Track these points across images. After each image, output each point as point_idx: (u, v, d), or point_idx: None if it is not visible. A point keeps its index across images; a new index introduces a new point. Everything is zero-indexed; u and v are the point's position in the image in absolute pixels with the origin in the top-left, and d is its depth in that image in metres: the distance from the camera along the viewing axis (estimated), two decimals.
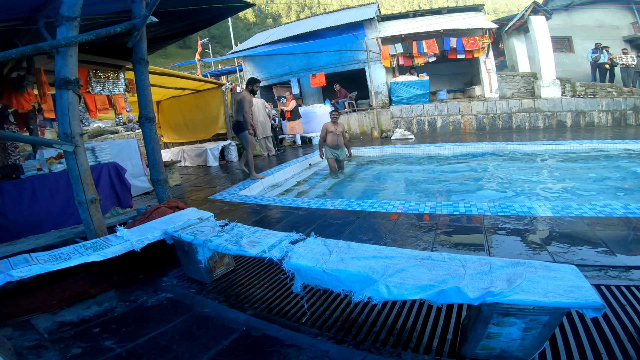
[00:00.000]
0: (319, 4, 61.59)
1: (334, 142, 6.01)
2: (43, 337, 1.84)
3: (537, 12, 9.72)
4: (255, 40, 13.09)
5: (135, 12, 2.75)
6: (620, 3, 12.87)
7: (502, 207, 3.17)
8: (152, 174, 3.04)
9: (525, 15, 9.93)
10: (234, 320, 1.84)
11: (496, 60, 11.14)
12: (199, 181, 6.20)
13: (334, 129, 5.96)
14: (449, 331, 1.59)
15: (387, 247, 1.60)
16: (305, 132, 10.21)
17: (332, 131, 5.96)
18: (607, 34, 12.62)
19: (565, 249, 2.26)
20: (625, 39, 12.85)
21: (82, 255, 2.03)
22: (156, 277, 2.48)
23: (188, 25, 4.19)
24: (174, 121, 9.06)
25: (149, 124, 2.96)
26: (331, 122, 6.01)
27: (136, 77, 2.92)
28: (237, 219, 3.59)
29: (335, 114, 6.04)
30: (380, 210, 3.42)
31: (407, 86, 9.97)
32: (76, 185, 2.39)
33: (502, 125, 9.28)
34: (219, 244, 1.92)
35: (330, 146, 6.05)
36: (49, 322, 1.99)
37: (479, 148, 7.00)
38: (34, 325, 1.96)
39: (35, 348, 1.73)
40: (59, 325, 1.96)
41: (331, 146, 6.04)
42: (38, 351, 1.71)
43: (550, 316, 1.17)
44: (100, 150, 4.15)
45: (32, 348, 1.73)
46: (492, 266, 1.37)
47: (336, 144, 6.03)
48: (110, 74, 4.72)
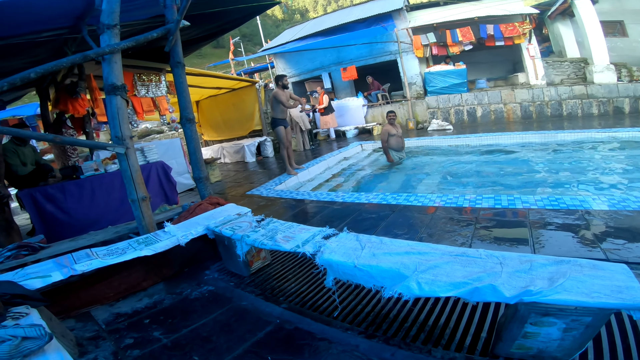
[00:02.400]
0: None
1: (399, 145, 5.76)
2: (101, 328, 2.02)
3: None
4: (284, 37, 13.21)
5: (168, 17, 2.91)
6: None
7: (550, 200, 2.97)
8: (194, 172, 3.22)
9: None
10: (269, 314, 1.92)
11: (541, 46, 10.34)
12: (238, 177, 6.44)
13: (395, 131, 5.70)
14: (484, 329, 1.55)
15: (420, 243, 1.59)
16: (339, 126, 10.20)
17: (394, 134, 5.71)
18: None
19: (620, 245, 2.09)
20: None
21: (135, 250, 2.21)
22: (199, 271, 2.63)
23: (219, 27, 4.34)
24: (212, 120, 9.45)
25: (190, 125, 3.12)
26: (389, 124, 5.74)
27: (175, 80, 3.08)
28: (274, 214, 3.69)
29: (392, 115, 5.75)
30: (416, 204, 3.36)
31: (442, 76, 9.58)
32: (129, 184, 2.60)
33: (550, 113, 8.63)
34: (255, 239, 2.00)
35: (395, 149, 5.80)
36: (107, 314, 2.18)
37: (525, 137, 6.57)
38: (94, 316, 2.16)
39: (94, 339, 1.91)
40: (115, 316, 2.14)
41: (396, 149, 5.78)
42: (96, 342, 1.88)
43: (593, 317, 1.12)
44: (148, 151, 4.45)
45: (91, 339, 1.92)
46: (532, 264, 1.31)
47: (400, 146, 5.78)
48: (153, 76, 5.03)
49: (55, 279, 1.89)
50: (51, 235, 3.35)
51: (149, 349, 1.75)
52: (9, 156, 3.73)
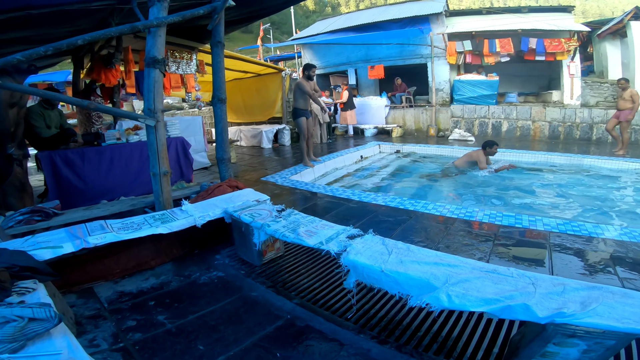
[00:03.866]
0: None
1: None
2: (103, 306, 1.94)
3: (639, 17, 8.59)
4: (315, 29, 13.10)
5: None
6: None
7: (572, 225, 2.91)
8: (218, 152, 3.21)
9: (625, 20, 8.79)
10: (280, 308, 1.88)
11: (582, 65, 9.97)
12: (253, 162, 6.45)
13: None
14: (496, 345, 1.54)
15: (449, 255, 1.55)
16: (358, 123, 10.10)
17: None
18: None
19: (637, 275, 2.07)
20: None
21: (151, 226, 2.14)
22: (210, 254, 2.58)
23: (257, 11, 4.31)
24: (234, 102, 9.46)
25: (221, 105, 3.11)
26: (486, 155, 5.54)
27: (213, 60, 3.07)
28: (288, 204, 3.67)
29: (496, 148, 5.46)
30: (434, 213, 3.30)
31: (472, 85, 9.36)
32: (153, 157, 2.60)
33: (579, 136, 8.35)
34: (276, 229, 1.97)
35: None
36: (111, 292, 2.09)
37: (549, 158, 6.40)
38: (97, 293, 2.08)
39: (94, 318, 1.82)
40: (119, 295, 2.06)
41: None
42: (96, 321, 1.79)
43: (617, 340, 1.13)
44: (171, 125, 4.47)
45: (91, 317, 1.82)
46: (565, 287, 1.30)
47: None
48: (185, 54, 5.03)
49: (66, 250, 1.80)
50: (64, 200, 3.35)
51: (151, 333, 1.69)
52: (34, 118, 3.76)
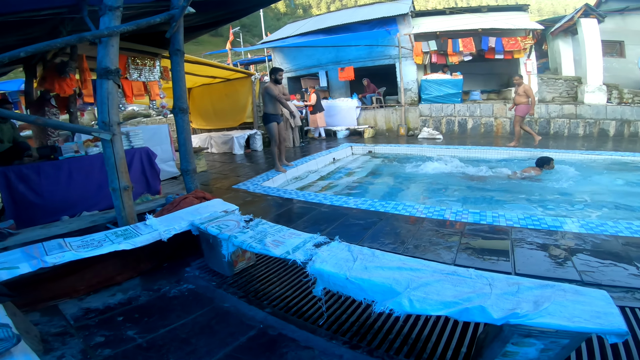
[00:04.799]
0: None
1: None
2: (69, 323, 1.89)
3: (589, 14, 9.07)
4: (285, 31, 13.08)
5: (174, 3, 2.81)
6: None
7: (532, 219, 3.04)
8: (182, 164, 3.12)
9: (575, 17, 9.27)
10: (252, 317, 1.87)
11: (538, 62, 10.49)
12: (224, 169, 6.33)
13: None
14: (464, 344, 1.58)
15: (411, 259, 1.58)
16: (329, 126, 10.18)
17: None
18: None
19: (595, 268, 2.18)
20: None
21: (113, 243, 2.10)
22: (180, 267, 2.54)
23: (223, 15, 4.24)
24: (203, 108, 9.27)
25: (182, 115, 3.03)
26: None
27: (172, 68, 2.99)
28: (259, 211, 3.65)
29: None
30: (404, 213, 3.36)
31: (438, 84, 9.67)
32: (111, 172, 2.50)
33: (538, 131, 8.82)
34: (243, 240, 1.95)
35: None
36: (76, 309, 2.04)
37: (512, 153, 6.71)
38: (62, 310, 2.02)
39: (60, 335, 1.79)
40: (85, 311, 2.01)
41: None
42: (63, 338, 1.76)
43: (571, 339, 1.18)
44: (134, 136, 4.30)
45: (57, 335, 1.79)
46: (519, 287, 1.35)
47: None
48: (147, 61, 4.87)
49: (22, 271, 1.77)
50: (22, 218, 3.18)
51: (122, 348, 1.67)
52: None
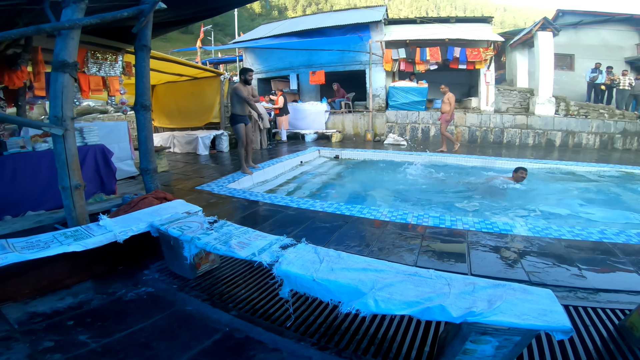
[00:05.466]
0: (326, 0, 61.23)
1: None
2: (13, 327, 1.76)
3: (546, 28, 9.66)
4: (259, 32, 12.95)
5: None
6: (629, 24, 13.01)
7: (486, 223, 3.23)
8: (141, 163, 2.97)
9: (534, 30, 9.87)
10: (217, 320, 1.82)
11: (496, 73, 11.14)
12: (187, 169, 6.11)
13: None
14: (427, 343, 1.63)
15: (376, 260, 1.62)
16: (299, 129, 10.20)
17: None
18: (611, 54, 12.66)
19: (541, 269, 2.34)
20: (627, 60, 12.95)
21: (62, 244, 1.96)
22: (137, 270, 2.41)
23: (196, 13, 4.11)
24: (167, 106, 8.90)
25: (144, 112, 2.89)
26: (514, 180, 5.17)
27: (137, 64, 2.86)
28: (224, 213, 3.56)
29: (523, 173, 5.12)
30: (369, 217, 3.44)
31: (405, 92, 10.01)
32: (62, 170, 2.33)
33: (493, 140, 9.40)
34: (207, 242, 1.89)
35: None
36: (20, 313, 1.90)
37: (469, 161, 7.10)
38: (5, 315, 1.88)
39: (4, 340, 1.66)
40: (30, 316, 1.87)
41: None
42: (7, 343, 1.64)
43: (522, 336, 1.24)
44: (88, 132, 4.04)
45: (1, 340, 1.66)
46: (475, 286, 1.42)
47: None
48: (109, 55, 4.59)
49: None
50: None
51: (73, 353, 1.56)
52: None
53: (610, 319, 1.80)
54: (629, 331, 1.64)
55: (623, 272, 2.32)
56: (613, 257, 2.53)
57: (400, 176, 6.33)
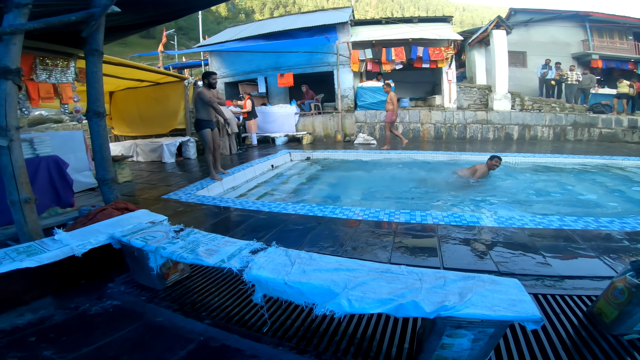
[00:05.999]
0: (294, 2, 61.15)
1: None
2: None
3: (500, 26, 10.21)
4: (225, 35, 12.71)
5: (95, 1, 2.55)
6: (575, 21, 14.02)
7: (454, 217, 3.33)
8: (98, 173, 2.81)
9: (489, 28, 10.40)
10: (191, 330, 1.76)
11: (457, 72, 11.59)
12: (152, 178, 5.86)
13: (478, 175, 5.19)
14: (406, 340, 1.62)
15: (348, 260, 1.61)
16: (269, 132, 10.10)
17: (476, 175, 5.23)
18: (559, 50, 13.66)
19: (508, 259, 2.42)
20: (574, 56, 14.01)
21: (14, 260, 1.84)
22: (101, 283, 2.30)
23: (156, 16, 3.93)
24: (127, 113, 8.49)
25: (98, 119, 2.74)
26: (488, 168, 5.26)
27: (88, 69, 2.71)
28: (193, 222, 3.43)
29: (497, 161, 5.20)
30: (341, 217, 3.44)
31: (372, 92, 10.19)
32: (9, 183, 2.15)
33: (457, 135, 9.78)
34: (173, 251, 1.80)
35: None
36: None
37: (435, 157, 7.33)
38: None
39: None
40: None
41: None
42: None
43: (495, 328, 1.25)
44: (39, 143, 3.76)
45: None
46: (446, 280, 1.43)
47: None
48: (60, 61, 4.29)
49: None
50: None
51: None
52: None
53: (578, 306, 1.85)
54: (598, 317, 1.68)
55: (585, 258, 2.41)
56: (574, 243, 2.65)
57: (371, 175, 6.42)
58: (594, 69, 13.24)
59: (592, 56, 13.80)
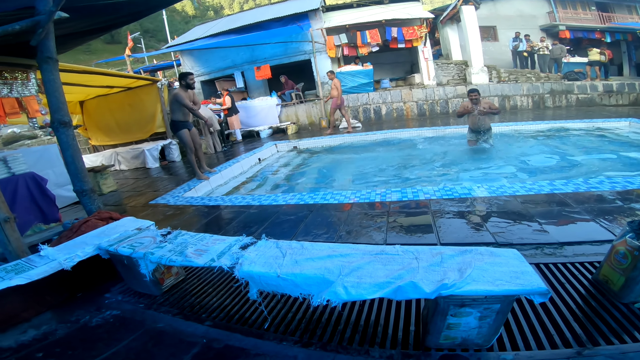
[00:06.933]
0: None
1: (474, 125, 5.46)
2: None
3: (468, 2, 10.30)
4: (194, 34, 12.35)
5: (39, 8, 2.43)
6: None
7: (445, 190, 3.30)
8: (74, 185, 2.71)
9: (458, 5, 10.49)
10: (192, 333, 1.72)
11: (433, 49, 11.68)
12: (138, 185, 5.71)
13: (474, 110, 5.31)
14: (411, 322, 1.58)
15: (341, 245, 1.57)
16: (252, 126, 9.95)
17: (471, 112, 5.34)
18: (527, 23, 13.90)
19: (504, 228, 2.37)
20: (542, 28, 14.24)
21: (4, 279, 1.82)
22: (97, 295, 2.27)
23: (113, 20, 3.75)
24: (102, 122, 8.22)
25: (65, 129, 2.63)
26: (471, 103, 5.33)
27: (44, 78, 2.60)
28: (184, 224, 3.37)
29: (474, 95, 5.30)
30: (333, 202, 3.41)
31: (352, 75, 10.10)
32: None
33: (440, 111, 9.83)
34: (161, 255, 1.75)
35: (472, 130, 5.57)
36: None
37: (422, 133, 7.34)
38: None
39: None
40: None
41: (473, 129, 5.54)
42: None
43: (501, 304, 1.20)
44: (13, 160, 3.60)
45: None
46: (443, 256, 1.37)
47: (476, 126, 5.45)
48: (19, 74, 4.07)
49: None
50: None
51: None
52: None
53: (582, 274, 1.79)
54: (606, 285, 1.61)
55: (581, 222, 2.35)
56: (567, 207, 2.61)
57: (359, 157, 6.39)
58: (562, 39, 13.53)
59: (559, 27, 14.02)
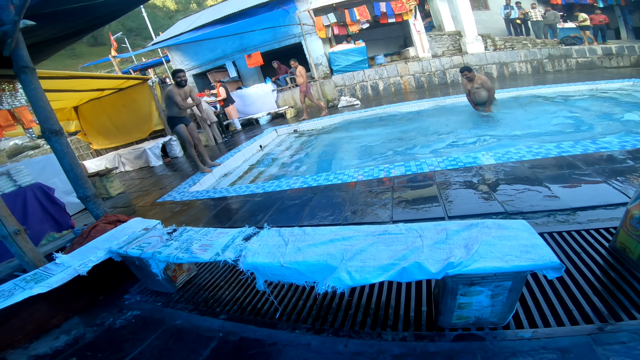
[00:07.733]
0: None
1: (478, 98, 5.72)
2: None
3: None
4: (178, 28, 12.10)
5: (4, 19, 2.38)
6: None
7: (450, 160, 3.22)
8: (77, 192, 2.74)
9: None
10: (209, 328, 1.77)
11: (424, 22, 11.37)
12: (145, 184, 5.76)
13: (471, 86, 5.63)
14: (423, 302, 1.55)
15: (343, 227, 1.54)
16: (250, 114, 9.88)
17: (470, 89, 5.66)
18: None
19: (513, 196, 2.26)
20: None
21: (24, 289, 1.86)
22: (117, 296, 2.35)
23: (87, 22, 3.66)
24: (100, 125, 8.21)
25: (57, 138, 2.64)
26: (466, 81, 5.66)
27: (25, 89, 2.58)
28: (191, 219, 3.40)
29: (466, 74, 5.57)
30: (336, 182, 3.39)
31: (345, 54, 9.90)
32: None
33: (438, 82, 9.64)
34: (169, 254, 1.77)
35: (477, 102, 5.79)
36: (24, 357, 1.90)
37: (421, 105, 7.21)
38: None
39: None
40: (34, 359, 1.87)
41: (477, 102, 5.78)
42: None
43: (512, 280, 1.13)
44: (17, 173, 3.63)
45: None
46: (448, 232, 1.31)
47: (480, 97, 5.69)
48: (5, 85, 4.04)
49: None
50: None
51: None
52: None
53: (598, 241, 1.69)
54: (623, 254, 1.49)
55: (592, 184, 2.21)
56: (577, 170, 2.48)
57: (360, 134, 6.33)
58: (554, 5, 12.95)
59: None
